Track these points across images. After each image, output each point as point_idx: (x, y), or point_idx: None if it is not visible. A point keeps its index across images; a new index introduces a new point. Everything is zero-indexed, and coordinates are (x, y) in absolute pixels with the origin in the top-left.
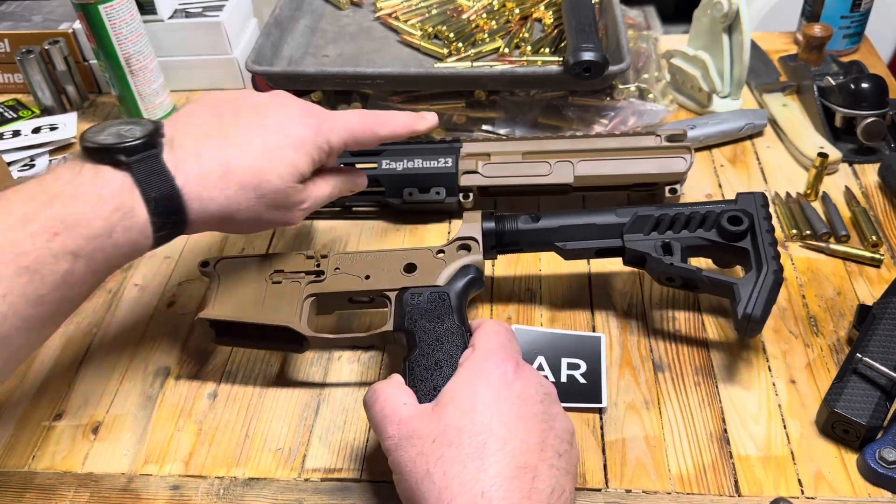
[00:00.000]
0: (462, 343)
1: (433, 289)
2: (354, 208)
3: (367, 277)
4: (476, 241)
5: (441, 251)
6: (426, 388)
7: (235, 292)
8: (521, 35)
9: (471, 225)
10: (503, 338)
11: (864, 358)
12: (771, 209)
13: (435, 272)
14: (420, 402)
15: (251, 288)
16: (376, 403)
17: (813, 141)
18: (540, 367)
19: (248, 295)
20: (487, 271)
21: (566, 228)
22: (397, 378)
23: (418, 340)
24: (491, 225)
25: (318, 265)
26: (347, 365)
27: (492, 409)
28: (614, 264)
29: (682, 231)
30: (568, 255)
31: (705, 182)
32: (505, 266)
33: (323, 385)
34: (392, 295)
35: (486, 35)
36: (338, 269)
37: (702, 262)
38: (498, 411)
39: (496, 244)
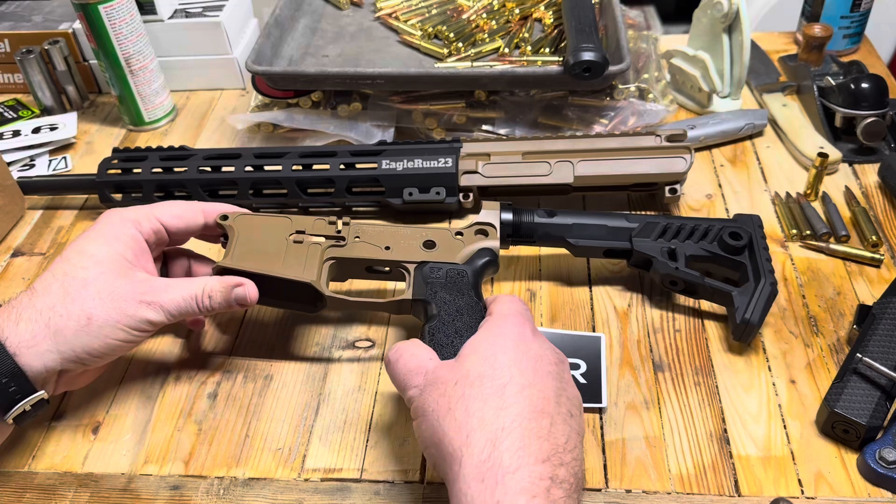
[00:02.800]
0: (480, 316)
1: (452, 265)
2: (354, 208)
3: (388, 248)
4: (493, 227)
5: (459, 234)
6: (447, 352)
7: (254, 246)
8: (521, 35)
9: (489, 212)
10: (519, 306)
11: (864, 358)
12: (771, 210)
13: (454, 251)
14: (442, 359)
15: (271, 244)
16: (400, 359)
17: (813, 141)
18: None
19: (267, 250)
20: None
21: (579, 226)
22: (418, 340)
23: (438, 310)
24: (509, 216)
25: (339, 231)
26: (347, 365)
27: (511, 359)
28: (615, 265)
29: (686, 241)
30: (578, 251)
31: (705, 182)
32: (505, 266)
33: (323, 385)
34: (411, 267)
35: (486, 35)
36: (358, 237)
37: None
38: (517, 361)
39: (511, 234)
